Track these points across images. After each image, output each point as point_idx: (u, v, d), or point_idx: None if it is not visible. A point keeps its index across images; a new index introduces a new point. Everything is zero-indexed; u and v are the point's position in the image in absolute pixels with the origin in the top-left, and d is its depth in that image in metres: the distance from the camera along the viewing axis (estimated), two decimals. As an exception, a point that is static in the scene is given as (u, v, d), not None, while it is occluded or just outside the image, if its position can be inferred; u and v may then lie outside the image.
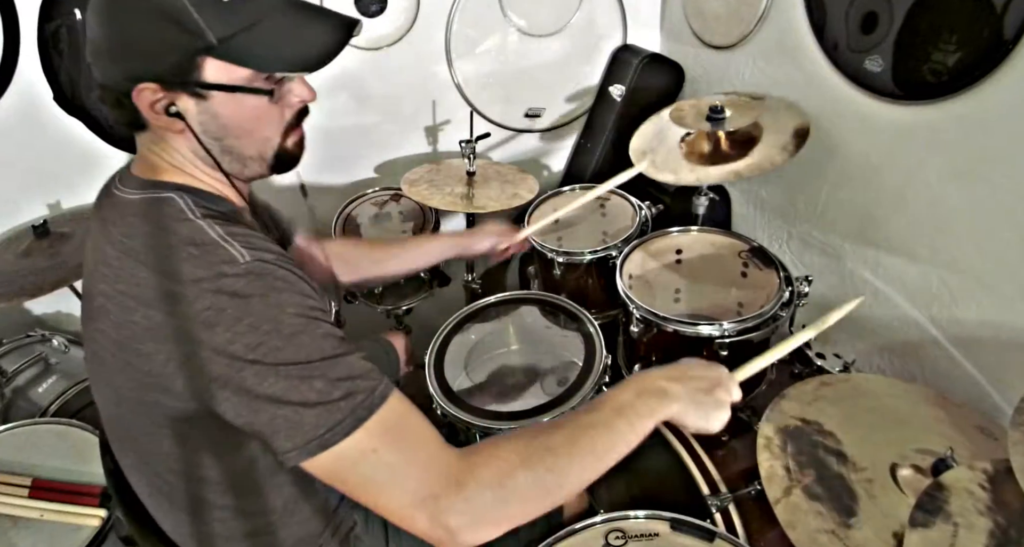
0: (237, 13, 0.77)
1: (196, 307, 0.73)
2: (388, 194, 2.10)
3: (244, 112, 0.82)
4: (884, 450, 1.07)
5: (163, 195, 0.82)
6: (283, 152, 0.89)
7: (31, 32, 1.65)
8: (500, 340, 1.56)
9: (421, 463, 0.75)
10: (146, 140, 0.87)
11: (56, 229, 1.68)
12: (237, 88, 0.80)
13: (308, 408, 0.72)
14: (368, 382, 0.76)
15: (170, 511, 0.94)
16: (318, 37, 0.82)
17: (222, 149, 0.85)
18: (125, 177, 0.88)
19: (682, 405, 0.86)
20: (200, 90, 0.79)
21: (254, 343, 0.72)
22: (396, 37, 2.00)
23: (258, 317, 0.73)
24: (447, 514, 0.73)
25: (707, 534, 1.08)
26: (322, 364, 0.74)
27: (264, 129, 0.86)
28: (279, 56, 0.80)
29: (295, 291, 0.76)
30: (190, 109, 0.80)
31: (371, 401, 0.75)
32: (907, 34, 1.36)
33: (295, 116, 0.89)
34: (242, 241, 0.77)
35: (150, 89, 0.78)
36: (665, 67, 2.14)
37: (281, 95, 0.85)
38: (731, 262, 1.57)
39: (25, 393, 1.69)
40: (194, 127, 0.81)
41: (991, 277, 1.31)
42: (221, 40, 0.76)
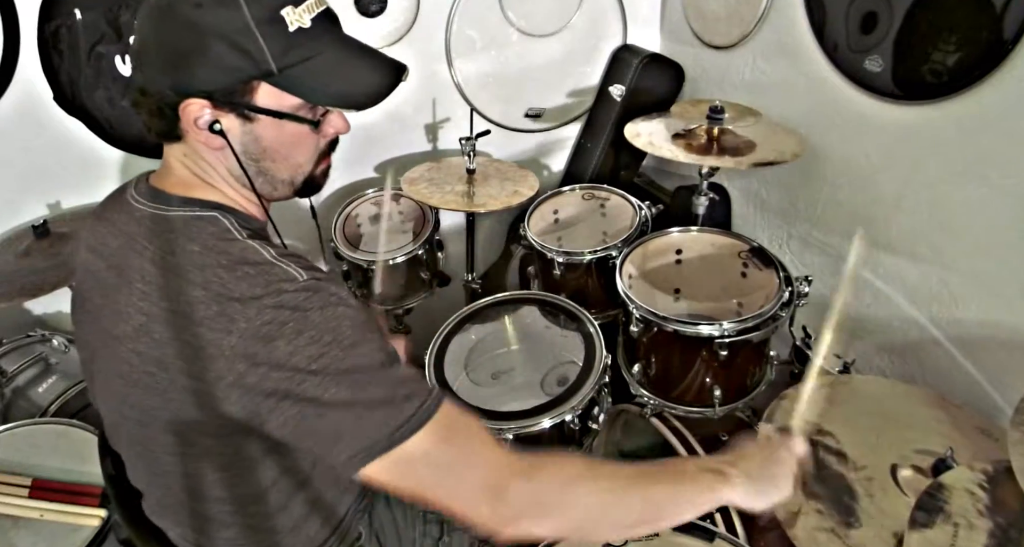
0: (300, 45, 0.79)
1: (255, 323, 0.73)
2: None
3: (285, 138, 0.84)
4: (884, 450, 1.07)
5: (204, 214, 0.83)
6: (311, 179, 0.91)
7: (31, 32, 1.64)
8: (500, 340, 1.56)
9: (487, 454, 0.78)
10: (178, 151, 0.86)
11: (56, 229, 1.68)
12: (285, 115, 0.82)
13: (374, 409, 0.73)
14: (424, 385, 0.78)
15: (175, 525, 0.94)
16: (369, 77, 0.84)
17: (257, 170, 0.86)
18: (144, 190, 0.87)
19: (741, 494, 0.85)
20: (248, 112, 0.80)
21: (316, 354, 0.73)
22: (396, 37, 2.00)
23: (319, 330, 0.74)
24: (513, 500, 0.75)
25: (707, 534, 1.08)
26: (381, 370, 0.76)
27: (300, 156, 0.88)
28: (331, 91, 0.82)
29: (349, 305, 0.77)
30: (234, 128, 0.81)
31: (431, 402, 0.76)
32: (907, 34, 1.36)
33: (327, 145, 0.91)
34: (294, 261, 0.79)
35: (198, 104, 0.78)
36: (665, 67, 2.14)
37: (320, 127, 0.87)
38: (731, 262, 1.57)
39: (25, 393, 1.69)
40: (235, 146, 0.82)
41: (991, 277, 1.31)
42: (281, 69, 0.78)
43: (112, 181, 1.88)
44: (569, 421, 1.32)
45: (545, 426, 1.30)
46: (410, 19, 1.99)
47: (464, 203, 1.78)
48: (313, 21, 0.80)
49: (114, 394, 0.87)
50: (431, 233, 1.97)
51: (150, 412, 0.82)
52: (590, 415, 1.40)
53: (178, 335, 0.76)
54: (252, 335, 0.73)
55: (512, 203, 1.78)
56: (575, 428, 1.35)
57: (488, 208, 1.77)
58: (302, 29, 0.79)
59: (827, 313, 0.98)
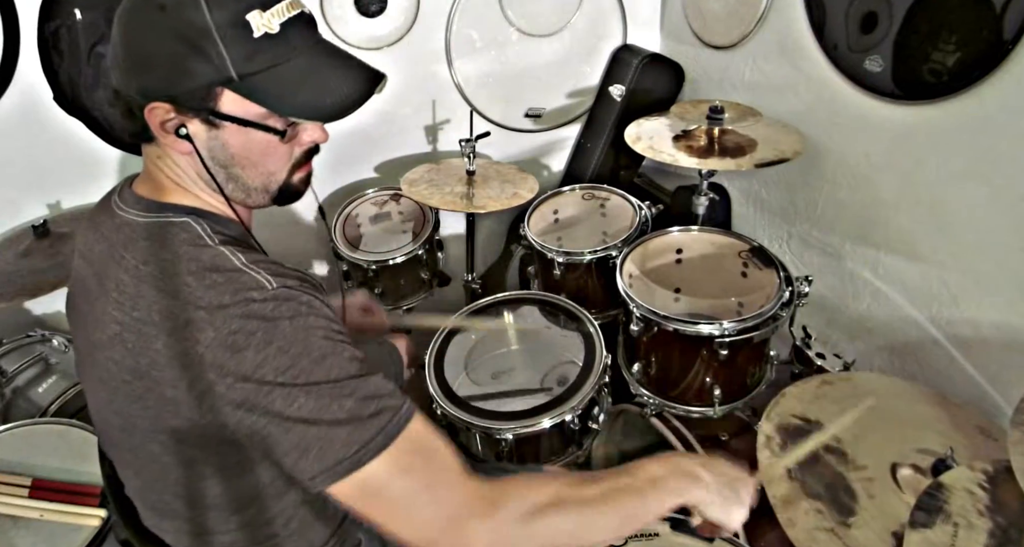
0: (264, 51, 0.76)
1: (222, 333, 0.72)
2: (388, 194, 2.10)
3: (253, 146, 0.82)
4: (884, 449, 1.07)
5: (176, 219, 0.82)
6: (287, 187, 0.88)
7: (31, 32, 1.64)
8: (500, 340, 1.56)
9: (449, 485, 0.75)
10: (152, 153, 0.86)
11: (56, 229, 1.68)
12: (249, 123, 0.79)
13: (339, 426, 0.72)
14: (395, 401, 0.76)
15: (171, 530, 0.94)
16: (341, 86, 0.81)
17: (227, 176, 0.84)
18: (126, 195, 0.87)
19: (709, 494, 0.87)
20: (213, 118, 0.78)
21: (284, 366, 0.72)
22: (396, 37, 2.00)
23: (287, 340, 0.72)
24: (472, 537, 0.73)
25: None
26: (350, 383, 0.74)
27: (270, 164, 0.85)
28: (297, 101, 0.79)
29: (320, 315, 0.76)
30: (200, 134, 0.80)
31: (399, 419, 0.74)
32: (907, 34, 1.36)
33: (304, 154, 0.88)
34: (265, 268, 0.77)
35: (163, 108, 0.77)
36: (665, 67, 2.14)
37: (293, 135, 0.84)
38: (731, 262, 1.57)
39: (25, 393, 1.69)
40: (201, 151, 0.80)
41: (991, 277, 1.31)
42: (242, 76, 0.76)
43: (112, 181, 1.88)
44: (569, 421, 1.33)
45: (545, 426, 1.31)
46: (410, 19, 1.99)
47: (464, 204, 1.78)
48: (283, 26, 0.77)
49: (98, 399, 0.87)
50: (431, 233, 1.97)
51: (131, 419, 0.82)
52: (590, 415, 1.40)
53: (150, 345, 0.75)
54: (220, 345, 0.72)
55: (511, 205, 1.78)
56: (575, 428, 1.35)
57: (488, 209, 1.77)
58: (269, 34, 0.76)
59: None
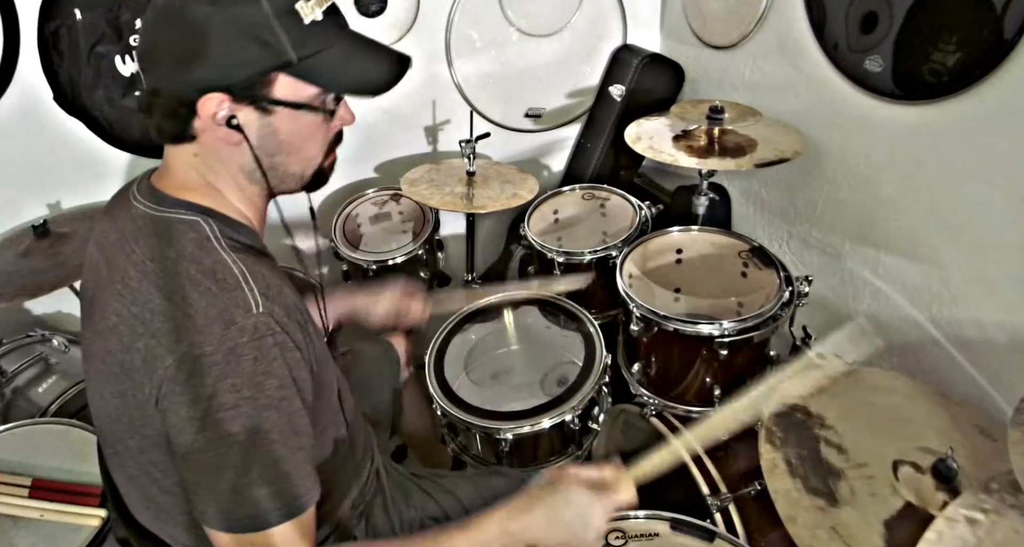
0: (315, 36, 0.81)
1: (193, 352, 0.74)
2: (388, 194, 2.10)
3: (300, 129, 0.85)
4: (885, 447, 1.06)
5: (187, 217, 0.83)
6: (320, 172, 0.93)
7: (31, 32, 1.65)
8: (500, 340, 1.56)
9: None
10: (186, 152, 0.86)
11: (56, 229, 1.68)
12: (302, 106, 0.83)
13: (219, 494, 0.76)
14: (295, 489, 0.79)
15: (165, 525, 0.94)
16: (379, 66, 0.88)
17: (270, 165, 0.87)
18: (144, 187, 0.87)
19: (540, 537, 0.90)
20: (267, 105, 0.82)
21: (230, 403, 0.75)
22: (396, 37, 2.00)
23: (243, 379, 0.75)
24: None
25: (707, 534, 1.08)
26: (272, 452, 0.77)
27: (312, 148, 0.89)
28: (346, 79, 0.85)
29: (286, 360, 0.78)
30: (251, 122, 0.82)
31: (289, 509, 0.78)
32: (907, 34, 1.36)
33: (335, 137, 0.93)
34: (261, 285, 0.79)
35: (217, 99, 0.79)
36: (665, 67, 2.15)
37: (331, 118, 0.89)
38: (731, 262, 1.57)
39: (25, 393, 1.69)
40: (252, 140, 0.83)
41: (991, 277, 1.31)
42: (300, 59, 0.80)
43: (112, 181, 1.88)
44: (569, 421, 1.33)
45: (545, 426, 1.31)
46: (410, 19, 1.99)
47: (464, 204, 1.78)
48: (324, 14, 0.82)
49: (93, 389, 0.89)
50: (431, 233, 1.98)
51: (117, 409, 0.83)
52: (590, 415, 1.40)
53: (135, 342, 0.78)
54: (189, 361, 0.74)
55: (511, 205, 1.78)
56: (575, 428, 1.35)
57: (488, 209, 1.77)
58: (315, 22, 0.81)
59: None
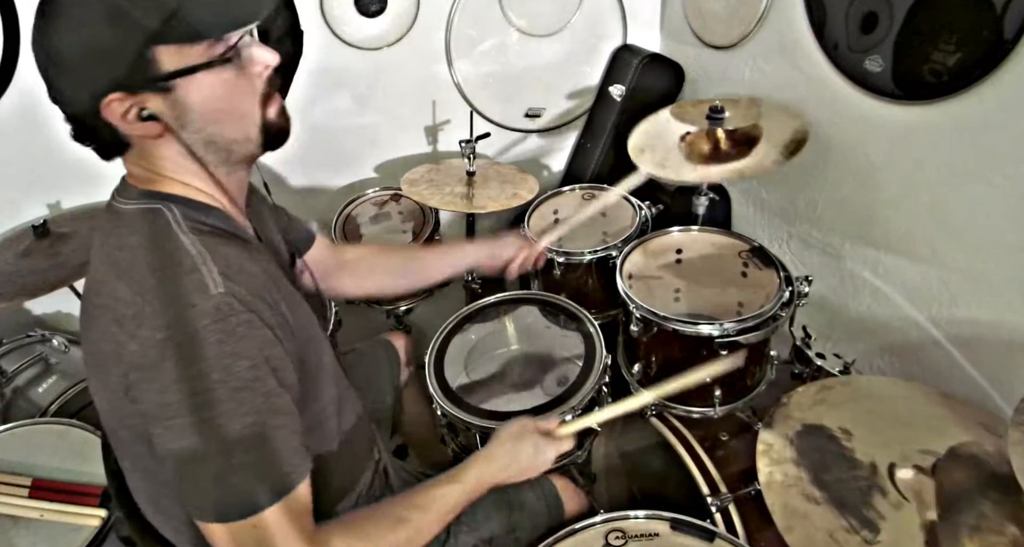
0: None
1: (156, 336, 0.72)
2: (388, 194, 2.10)
3: (213, 92, 0.79)
4: (885, 452, 1.06)
5: (153, 206, 0.82)
6: (267, 125, 0.85)
7: (31, 32, 1.64)
8: (500, 340, 1.56)
9: None
10: (131, 159, 0.85)
11: (56, 229, 1.68)
12: (197, 68, 0.76)
13: (215, 481, 0.75)
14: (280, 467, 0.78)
15: (169, 520, 0.94)
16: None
17: (205, 141, 0.81)
18: (121, 187, 0.88)
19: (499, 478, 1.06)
20: (163, 83, 0.75)
21: (200, 388, 0.72)
22: (396, 37, 2.00)
23: (210, 363, 0.73)
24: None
25: (707, 534, 1.08)
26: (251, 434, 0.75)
27: (240, 104, 0.82)
28: (225, 18, 0.77)
29: (255, 338, 0.76)
30: (162, 109, 0.77)
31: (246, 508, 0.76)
32: (907, 34, 1.36)
33: (266, 84, 0.84)
34: (221, 265, 0.76)
35: (116, 99, 0.75)
36: (665, 67, 2.14)
37: (243, 65, 0.80)
38: (731, 262, 1.57)
39: (25, 393, 1.69)
40: (172, 125, 0.78)
41: (991, 277, 1.31)
42: (163, 22, 0.73)
43: (112, 181, 1.87)
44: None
45: (545, 426, 1.30)
46: (410, 19, 1.99)
47: (464, 204, 1.78)
48: None
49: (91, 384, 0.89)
50: (431, 233, 1.97)
51: (105, 406, 0.83)
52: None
53: (105, 332, 0.76)
54: (151, 346, 0.72)
55: (511, 205, 1.78)
56: (575, 428, 1.35)
57: (488, 209, 1.77)
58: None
59: None
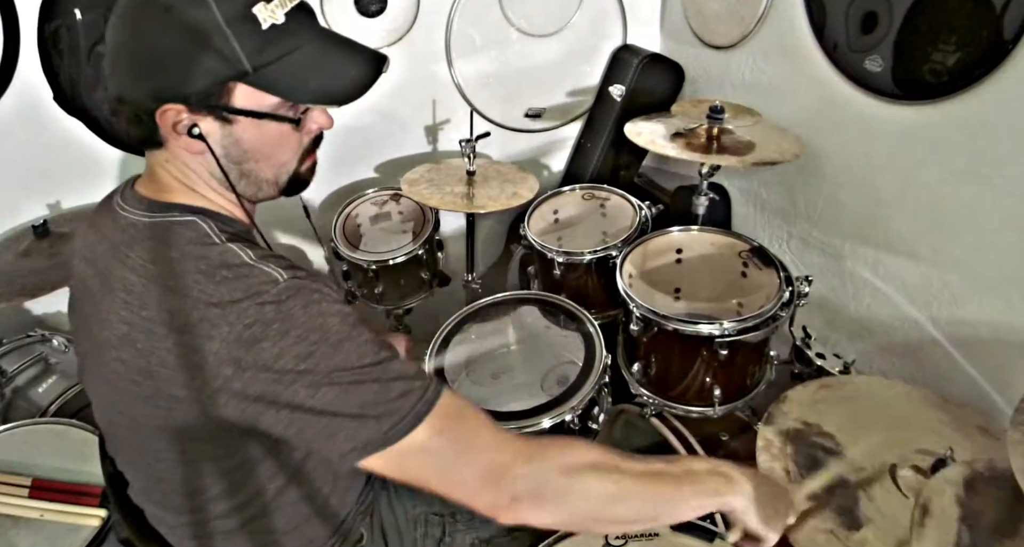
0: (274, 42, 0.77)
1: (237, 327, 0.72)
2: (388, 194, 2.10)
3: (266, 138, 0.83)
4: (884, 451, 1.07)
5: (183, 219, 0.81)
6: (297, 177, 0.90)
7: (31, 32, 1.64)
8: (500, 340, 1.56)
9: (484, 445, 0.77)
10: (159, 158, 0.85)
11: (56, 229, 1.68)
12: (264, 115, 0.80)
13: (366, 410, 0.73)
14: (420, 379, 0.77)
15: (174, 530, 0.94)
16: (348, 71, 0.83)
17: (240, 173, 0.85)
18: (128, 196, 0.86)
19: (746, 503, 0.86)
20: (227, 114, 0.79)
21: (304, 353, 0.72)
22: (396, 37, 2.00)
23: (304, 328, 0.73)
24: (514, 481, 0.75)
25: (707, 534, 1.08)
26: (374, 368, 0.74)
27: (283, 154, 0.86)
28: (310, 87, 0.81)
29: (334, 300, 0.76)
30: (213, 132, 0.80)
31: (427, 396, 0.75)
32: (907, 34, 1.36)
33: (311, 142, 0.89)
34: (275, 262, 0.77)
35: (175, 109, 0.77)
36: (665, 67, 2.14)
37: (302, 124, 0.85)
38: (731, 262, 1.57)
39: (25, 393, 1.69)
40: (215, 150, 0.81)
41: (991, 277, 1.31)
42: (255, 68, 0.76)
43: (112, 181, 1.88)
44: (569, 421, 1.32)
45: (545, 426, 1.30)
46: (410, 19, 1.99)
47: (464, 204, 1.78)
48: (287, 16, 0.78)
49: (104, 400, 0.87)
50: (431, 233, 1.97)
51: (139, 419, 0.81)
52: (590, 415, 1.40)
53: (160, 344, 0.75)
54: (236, 339, 0.72)
55: (511, 205, 1.78)
56: (575, 428, 1.35)
57: (488, 209, 1.77)
58: (275, 26, 0.77)
59: None
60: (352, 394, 0.73)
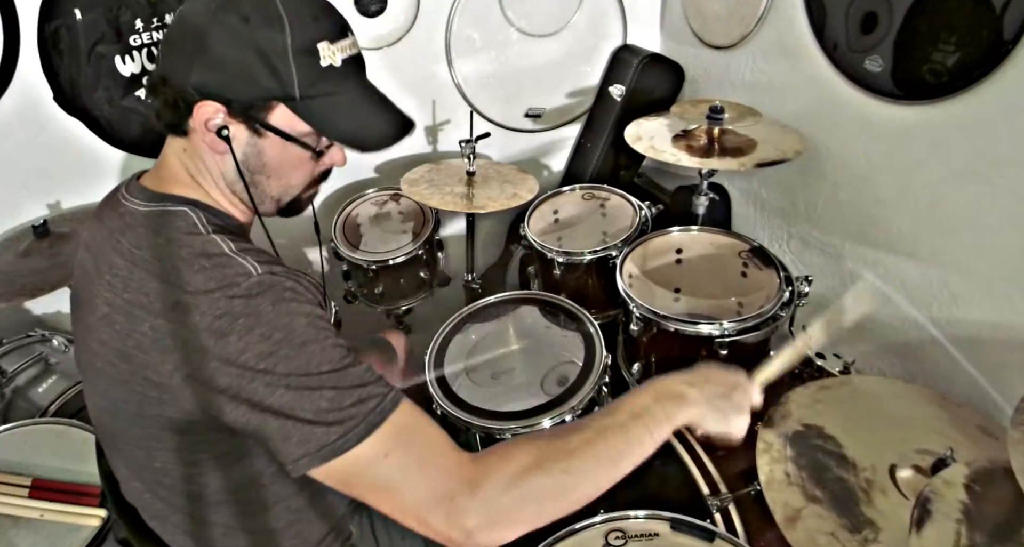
0: (325, 80, 0.83)
1: (208, 317, 0.74)
2: (388, 194, 2.10)
3: (286, 159, 0.87)
4: (884, 451, 1.07)
5: (174, 208, 0.84)
6: (296, 201, 0.95)
7: (31, 32, 1.64)
8: (500, 340, 1.56)
9: (435, 465, 0.75)
10: (177, 145, 0.88)
11: (56, 229, 1.68)
12: (293, 139, 0.85)
13: (319, 416, 0.73)
14: (379, 388, 0.77)
15: (167, 525, 0.94)
16: (380, 125, 0.90)
17: (250, 182, 0.88)
18: (133, 187, 0.89)
19: (701, 410, 0.87)
20: (260, 127, 0.83)
21: (266, 352, 0.73)
22: (396, 37, 2.00)
23: (270, 326, 0.74)
24: (463, 514, 0.73)
25: (707, 534, 1.08)
26: (333, 374, 0.75)
27: (295, 178, 0.91)
28: (342, 128, 0.86)
29: (304, 301, 0.78)
30: (241, 138, 0.84)
31: (383, 406, 0.75)
32: (907, 34, 1.36)
33: (321, 174, 0.95)
34: (254, 256, 0.79)
35: (214, 108, 0.81)
36: (665, 67, 2.14)
37: (323, 155, 0.91)
38: (731, 262, 1.57)
39: (25, 393, 1.69)
40: (237, 155, 0.84)
41: (991, 277, 1.31)
42: (303, 97, 0.82)
43: (112, 181, 1.88)
44: (569, 421, 1.32)
45: (545, 426, 1.30)
46: (410, 19, 1.99)
47: (464, 204, 1.78)
48: (344, 62, 0.84)
49: (89, 385, 0.89)
50: (431, 233, 1.97)
51: (117, 404, 0.83)
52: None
53: (137, 326, 0.77)
54: (206, 329, 0.73)
55: (511, 205, 1.78)
56: (575, 428, 1.35)
57: (488, 209, 1.77)
58: (332, 66, 0.83)
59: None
60: (307, 399, 0.73)
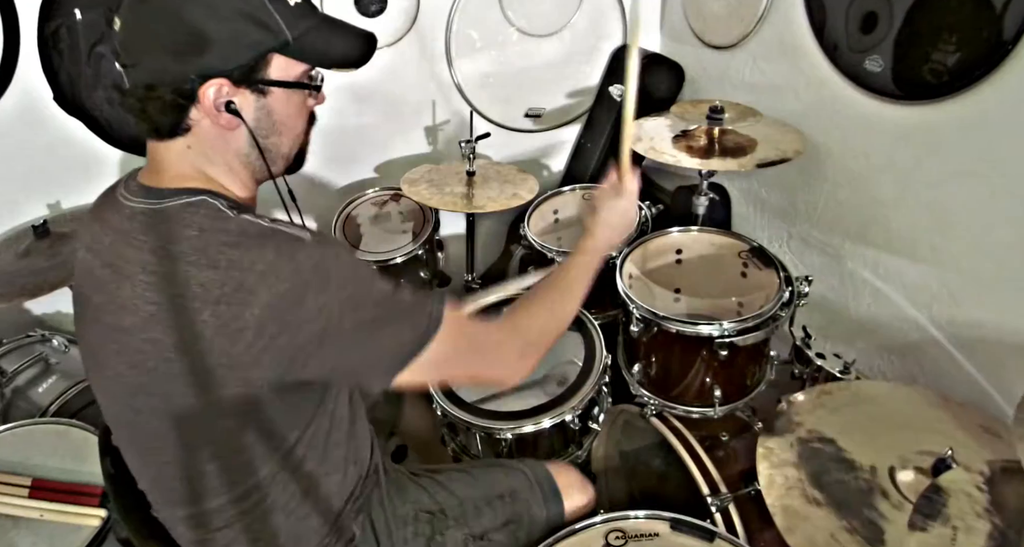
0: (300, 16, 0.83)
1: (279, 289, 0.76)
2: (388, 194, 2.10)
3: (292, 109, 0.88)
4: (885, 454, 1.06)
5: (194, 199, 0.82)
6: (302, 151, 0.96)
7: (31, 32, 1.65)
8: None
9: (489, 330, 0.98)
10: (178, 145, 0.85)
11: (56, 229, 1.68)
12: (294, 84, 0.86)
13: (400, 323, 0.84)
14: (430, 296, 0.88)
15: (177, 520, 0.94)
16: (355, 42, 0.91)
17: (264, 147, 0.88)
18: (134, 187, 0.86)
19: (605, 252, 1.13)
20: (263, 86, 0.83)
21: (344, 296, 0.80)
22: (396, 37, 2.00)
23: (342, 277, 0.80)
24: (516, 350, 0.98)
25: (707, 534, 1.08)
26: (396, 295, 0.85)
27: (299, 125, 0.92)
28: (332, 54, 0.88)
29: (350, 249, 0.84)
30: (247, 106, 0.84)
31: (441, 306, 0.87)
32: (907, 34, 1.36)
33: (312, 117, 0.95)
34: (286, 225, 0.82)
35: (218, 84, 0.80)
36: (665, 67, 2.14)
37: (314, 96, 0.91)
38: (731, 262, 1.57)
39: (25, 393, 1.69)
40: (249, 123, 0.84)
41: (991, 277, 1.31)
42: (295, 38, 0.82)
43: (111, 181, 1.87)
44: (569, 421, 1.33)
45: (545, 426, 1.31)
46: (410, 19, 1.99)
47: (464, 204, 1.78)
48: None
49: (124, 388, 0.87)
50: (431, 233, 1.97)
51: (165, 399, 0.83)
52: (590, 415, 1.40)
53: (195, 318, 0.76)
54: (279, 301, 0.76)
55: (511, 205, 1.78)
56: (575, 428, 1.35)
57: (488, 209, 1.77)
58: (298, 3, 0.83)
59: None
60: (387, 316, 0.84)
